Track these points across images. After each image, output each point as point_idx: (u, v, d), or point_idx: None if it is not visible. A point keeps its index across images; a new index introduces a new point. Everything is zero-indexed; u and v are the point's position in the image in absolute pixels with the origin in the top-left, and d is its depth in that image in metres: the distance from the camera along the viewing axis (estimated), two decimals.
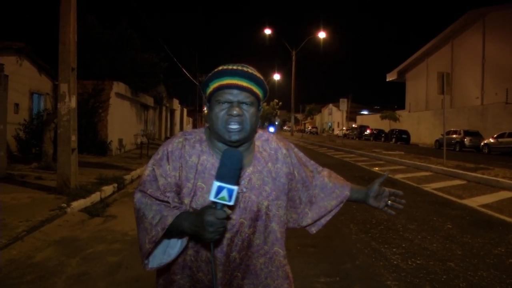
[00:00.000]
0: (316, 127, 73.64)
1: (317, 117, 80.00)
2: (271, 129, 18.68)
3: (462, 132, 28.06)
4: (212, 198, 1.13)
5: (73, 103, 7.55)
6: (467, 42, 36.91)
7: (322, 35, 32.29)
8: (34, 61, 13.97)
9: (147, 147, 16.13)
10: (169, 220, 1.24)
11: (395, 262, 4.46)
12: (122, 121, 17.40)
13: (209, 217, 1.13)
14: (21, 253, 4.45)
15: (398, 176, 11.73)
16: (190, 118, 53.73)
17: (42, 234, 5.13)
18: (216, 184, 1.13)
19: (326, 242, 5.20)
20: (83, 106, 13.96)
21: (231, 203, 1.14)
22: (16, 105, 12.90)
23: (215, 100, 1.35)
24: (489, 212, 7.18)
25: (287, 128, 79.35)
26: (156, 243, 1.28)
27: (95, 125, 14.84)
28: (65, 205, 6.32)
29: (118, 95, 16.74)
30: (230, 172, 1.14)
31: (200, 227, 1.16)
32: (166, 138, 32.41)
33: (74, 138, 7.61)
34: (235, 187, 1.14)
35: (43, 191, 7.32)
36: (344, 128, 46.49)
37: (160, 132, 30.05)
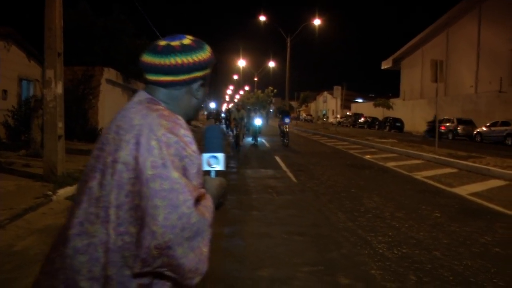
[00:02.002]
0: (311, 115, 73.42)
1: (312, 105, 79.80)
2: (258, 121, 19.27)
3: (455, 120, 28.10)
4: (206, 167, 1.30)
5: (59, 89, 7.42)
6: (463, 30, 36.75)
7: (317, 22, 32.01)
8: (23, 47, 13.71)
9: None
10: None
11: (380, 251, 4.44)
12: (113, 107, 17.18)
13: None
14: (2, 241, 4.38)
15: (390, 164, 11.72)
16: None
17: (25, 222, 5.06)
18: (206, 155, 1.30)
19: (314, 230, 5.17)
20: (73, 92, 13.78)
21: (223, 168, 1.33)
22: (5, 91, 12.70)
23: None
24: (478, 200, 7.17)
25: None
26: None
27: (85, 112, 14.66)
28: (50, 192, 6.23)
29: (109, 81, 16.54)
30: (215, 143, 1.33)
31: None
32: None
33: (61, 125, 7.49)
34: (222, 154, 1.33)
35: (30, 179, 7.22)
36: (338, 115, 46.46)
37: None
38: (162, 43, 1.20)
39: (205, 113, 59.00)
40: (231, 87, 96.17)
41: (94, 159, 1.14)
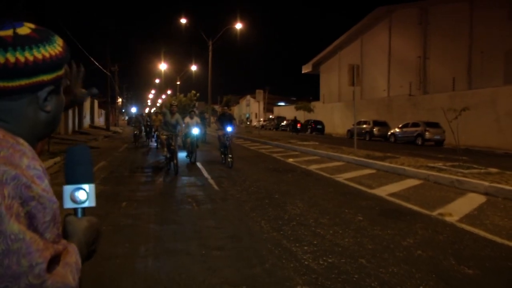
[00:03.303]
0: (234, 119, 73.65)
1: (235, 108, 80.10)
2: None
3: (371, 122, 29.54)
4: (69, 205, 0.98)
5: None
6: (376, 37, 38.95)
7: (239, 26, 31.98)
8: None
9: (48, 142, 14.61)
10: None
11: (306, 263, 4.17)
12: None
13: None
14: None
15: (312, 167, 11.75)
16: (103, 110, 50.78)
17: None
18: (68, 188, 0.98)
19: (234, 243, 4.79)
20: None
21: (93, 203, 1.00)
22: None
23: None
24: (397, 201, 7.28)
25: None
26: None
27: None
28: None
29: None
30: (82, 170, 1.00)
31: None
32: (75, 132, 30.13)
33: None
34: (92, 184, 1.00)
35: None
36: (261, 119, 46.90)
37: (67, 126, 27.81)
38: None
39: (126, 118, 56.55)
40: (153, 91, 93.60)
41: None
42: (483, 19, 28.09)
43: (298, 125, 38.81)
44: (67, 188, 0.98)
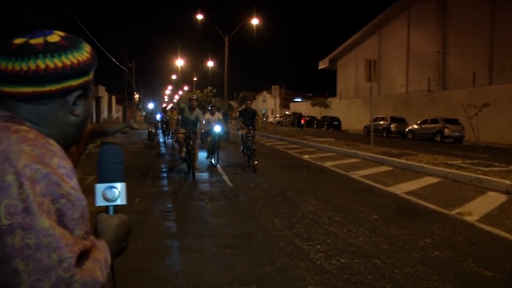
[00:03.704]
0: None
1: (251, 104, 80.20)
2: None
3: (388, 118, 29.11)
4: (101, 203, 1.01)
5: None
6: (394, 32, 38.33)
7: (255, 21, 31.82)
8: None
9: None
10: None
11: (318, 262, 4.06)
12: None
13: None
14: None
15: (327, 164, 11.60)
16: (120, 106, 51.31)
17: None
18: (101, 186, 1.01)
19: (246, 241, 4.71)
20: None
21: (124, 201, 1.04)
22: None
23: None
24: (414, 199, 7.10)
25: None
26: None
27: None
28: None
29: None
30: (113, 169, 1.04)
31: None
32: None
33: None
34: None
35: None
36: (277, 115, 46.72)
37: None
38: (19, 40, 0.87)
39: (143, 113, 56.94)
40: (170, 87, 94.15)
41: None
42: (505, 12, 27.34)
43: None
44: (99, 187, 1.01)
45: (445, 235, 5.10)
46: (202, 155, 12.12)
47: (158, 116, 19.81)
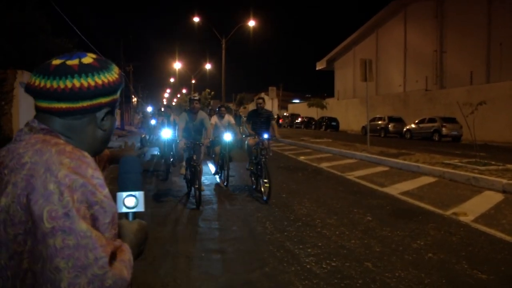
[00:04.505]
0: None
1: (250, 106, 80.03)
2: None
3: (386, 118, 29.01)
4: (122, 209, 1.09)
5: None
6: (391, 31, 38.28)
7: (252, 23, 31.71)
8: None
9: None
10: None
11: (308, 266, 3.96)
12: (31, 114, 15.67)
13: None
14: None
15: (324, 165, 11.50)
16: (118, 110, 51.21)
17: None
18: (122, 195, 1.10)
19: (236, 246, 4.62)
20: None
21: (143, 208, 1.13)
22: None
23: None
24: (410, 200, 7.01)
25: None
26: None
27: None
28: None
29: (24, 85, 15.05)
30: (133, 178, 1.13)
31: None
32: None
33: None
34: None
35: None
36: (275, 116, 46.69)
37: None
38: (56, 62, 0.98)
39: (141, 116, 56.94)
40: (168, 90, 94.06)
41: None
42: (501, 10, 27.28)
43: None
44: (120, 195, 1.11)
45: (440, 236, 5.00)
46: (206, 169, 10.24)
47: (153, 121, 16.17)
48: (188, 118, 7.11)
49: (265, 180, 7.01)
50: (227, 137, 8.79)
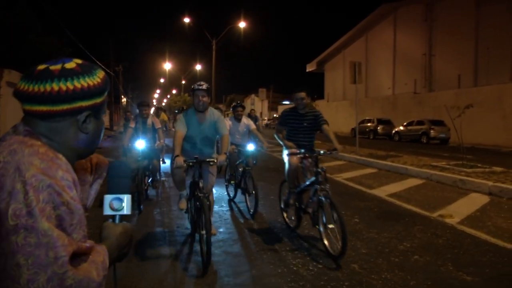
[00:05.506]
0: None
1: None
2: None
3: (375, 120, 29.20)
4: (108, 212, 1.14)
5: None
6: (381, 34, 38.52)
7: (242, 24, 31.73)
8: None
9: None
10: None
11: (294, 268, 3.96)
12: (19, 114, 15.45)
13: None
14: None
15: None
16: (107, 110, 50.83)
17: None
18: (108, 197, 1.14)
19: (223, 248, 4.60)
20: None
21: (129, 211, 1.16)
22: None
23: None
24: (397, 202, 7.05)
25: None
26: None
27: None
28: None
29: (11, 84, 14.84)
30: (120, 182, 1.16)
31: None
32: None
33: None
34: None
35: None
36: (265, 118, 46.71)
37: None
38: (41, 67, 1.02)
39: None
40: (158, 91, 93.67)
41: None
42: (489, 15, 27.62)
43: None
44: (107, 197, 1.14)
45: (426, 238, 5.03)
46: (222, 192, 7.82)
47: (133, 124, 13.96)
48: (191, 121, 4.64)
49: (331, 226, 4.26)
50: (250, 147, 6.75)
